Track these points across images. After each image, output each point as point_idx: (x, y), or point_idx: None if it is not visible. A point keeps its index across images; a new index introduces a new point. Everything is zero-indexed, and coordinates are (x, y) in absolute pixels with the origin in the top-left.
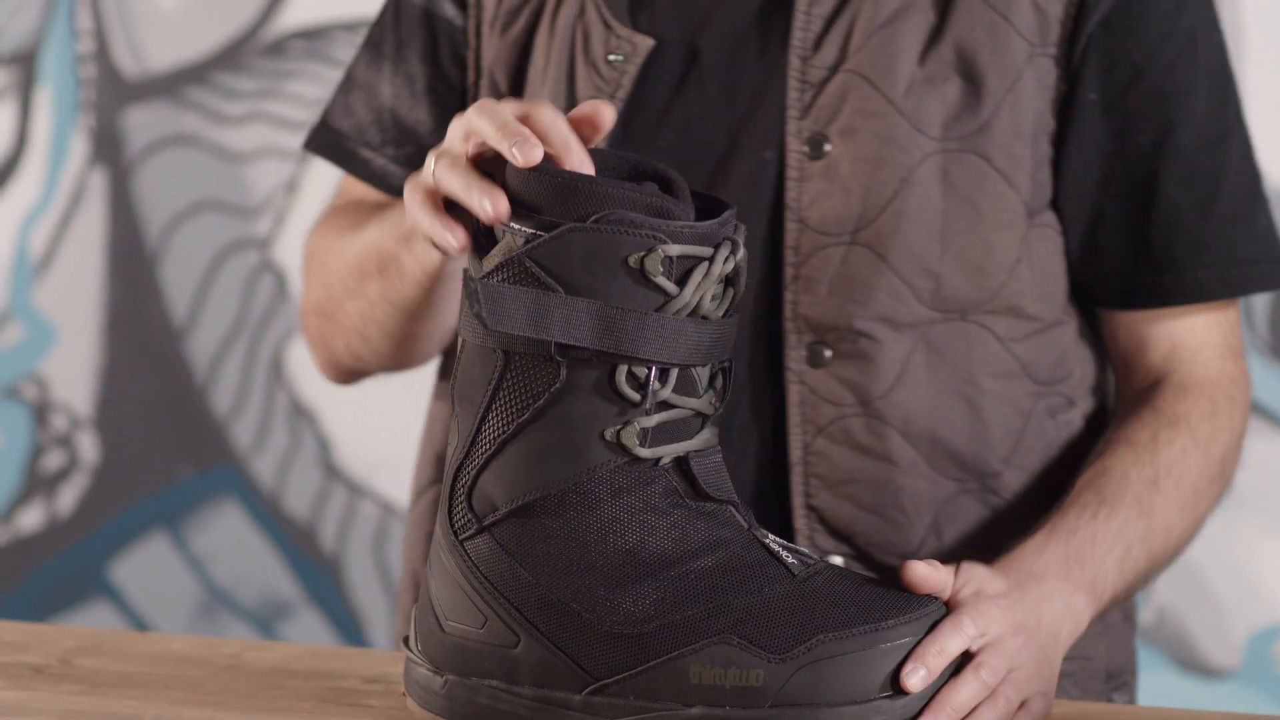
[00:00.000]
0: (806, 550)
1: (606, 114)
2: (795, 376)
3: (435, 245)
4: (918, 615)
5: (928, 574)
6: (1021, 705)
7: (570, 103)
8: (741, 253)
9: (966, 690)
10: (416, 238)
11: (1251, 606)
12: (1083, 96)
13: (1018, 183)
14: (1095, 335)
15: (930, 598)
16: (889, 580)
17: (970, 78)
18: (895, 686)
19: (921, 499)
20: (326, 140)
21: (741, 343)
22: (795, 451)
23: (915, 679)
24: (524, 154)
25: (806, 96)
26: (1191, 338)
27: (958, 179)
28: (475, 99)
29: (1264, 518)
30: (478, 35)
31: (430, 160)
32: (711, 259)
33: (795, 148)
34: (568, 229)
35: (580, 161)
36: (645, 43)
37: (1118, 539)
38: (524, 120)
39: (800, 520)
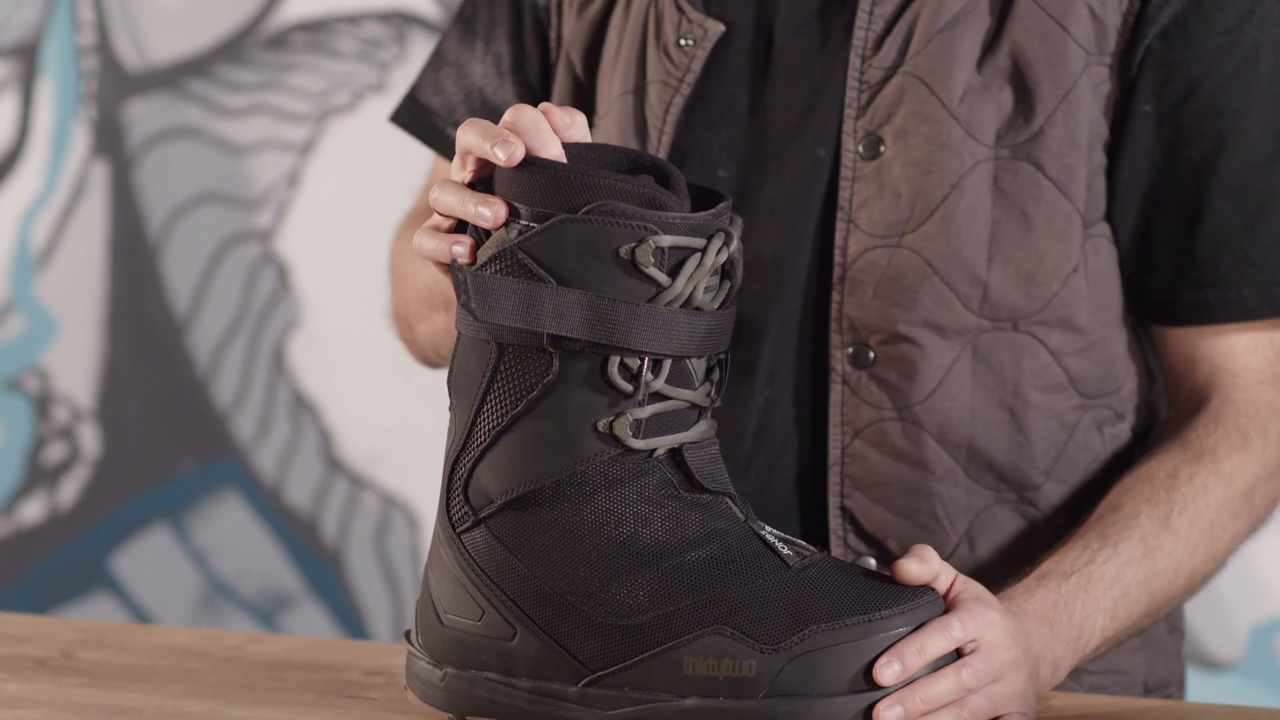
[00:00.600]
0: (804, 543)
1: (579, 122)
2: (838, 377)
3: (442, 262)
4: (912, 607)
5: (918, 571)
6: None
7: (640, 85)
8: (736, 244)
9: (941, 685)
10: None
11: (1253, 599)
12: (1137, 108)
13: (1072, 192)
14: (1146, 348)
15: (926, 590)
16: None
17: (1021, 86)
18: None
19: (956, 507)
20: (415, 116)
21: (788, 340)
22: (833, 452)
23: (888, 672)
24: (505, 152)
25: (864, 96)
26: (1232, 360)
27: (1008, 187)
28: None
29: None
30: (559, 14)
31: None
32: (704, 250)
33: (850, 147)
34: (559, 220)
35: (557, 157)
36: (716, 28)
37: (1114, 582)
38: (509, 126)
39: (834, 521)
